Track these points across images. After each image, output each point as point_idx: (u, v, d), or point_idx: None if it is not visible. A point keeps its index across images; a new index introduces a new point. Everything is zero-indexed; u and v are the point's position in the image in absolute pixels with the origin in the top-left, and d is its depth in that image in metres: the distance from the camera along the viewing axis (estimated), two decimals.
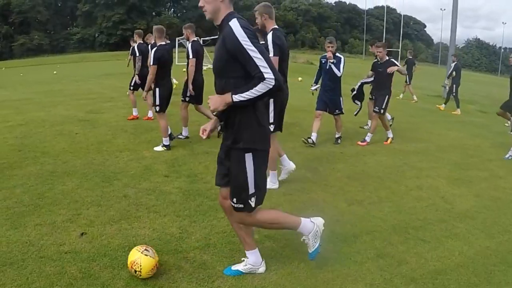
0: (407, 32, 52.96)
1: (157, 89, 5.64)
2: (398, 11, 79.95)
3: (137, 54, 7.85)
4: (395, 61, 6.86)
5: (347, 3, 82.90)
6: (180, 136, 6.50)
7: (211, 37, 30.05)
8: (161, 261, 2.72)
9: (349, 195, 4.35)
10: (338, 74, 6.26)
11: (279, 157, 4.50)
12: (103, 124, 7.51)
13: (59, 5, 69.64)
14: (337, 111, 6.60)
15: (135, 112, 8.14)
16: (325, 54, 6.34)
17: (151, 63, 5.52)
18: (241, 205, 2.36)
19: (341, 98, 6.53)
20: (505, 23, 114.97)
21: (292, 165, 4.56)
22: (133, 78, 8.12)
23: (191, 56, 6.15)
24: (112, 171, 4.73)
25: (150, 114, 8.06)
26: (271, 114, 4.15)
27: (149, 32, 8.27)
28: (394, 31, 73.75)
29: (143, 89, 6.87)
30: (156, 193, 4.10)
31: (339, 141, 6.80)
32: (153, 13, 69.69)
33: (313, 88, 6.82)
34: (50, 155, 5.35)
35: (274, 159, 4.28)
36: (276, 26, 4.14)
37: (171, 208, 3.72)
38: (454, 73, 12.24)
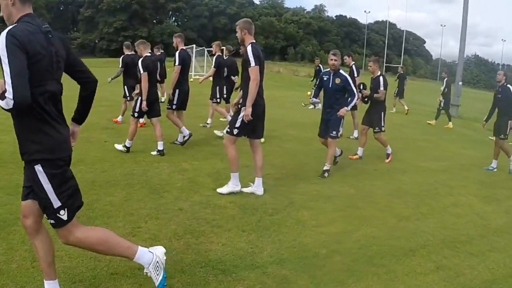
0: (406, 48, 53.69)
1: (139, 97, 5.99)
2: (398, 26, 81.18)
3: (120, 66, 8.18)
4: (382, 80, 6.58)
5: (348, 17, 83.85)
6: (177, 142, 6.83)
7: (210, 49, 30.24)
8: (243, 276, 2.74)
9: (395, 211, 4.54)
10: (355, 99, 5.67)
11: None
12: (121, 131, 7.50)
13: (61, 8, 69.72)
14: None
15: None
16: (328, 70, 5.80)
17: (141, 71, 5.84)
18: (52, 221, 2.16)
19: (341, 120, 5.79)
20: (505, 40, 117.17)
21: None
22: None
23: (176, 63, 6.51)
24: (157, 183, 4.74)
25: (120, 118, 8.51)
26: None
27: (151, 41, 8.63)
28: (394, 46, 74.71)
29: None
30: (211, 207, 4.12)
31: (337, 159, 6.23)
32: (154, 21, 69.99)
33: (313, 101, 6.63)
34: (86, 163, 5.34)
35: (235, 161, 4.50)
36: (254, 41, 4.51)
37: (233, 223, 3.74)
38: (446, 89, 12.80)
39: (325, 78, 5.68)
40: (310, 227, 3.83)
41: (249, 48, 4.33)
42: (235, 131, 4.48)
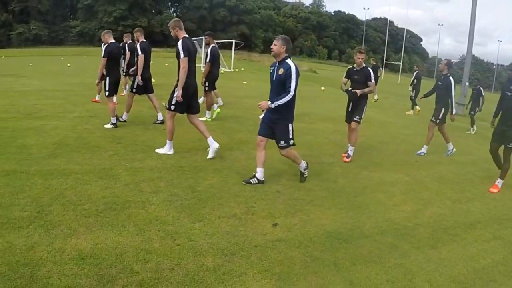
0: (402, 45, 54.60)
1: (107, 78, 7.13)
2: (395, 24, 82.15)
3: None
4: (372, 71, 6.32)
5: (346, 13, 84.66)
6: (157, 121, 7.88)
7: (221, 41, 30.78)
8: (361, 244, 3.52)
9: (447, 195, 5.38)
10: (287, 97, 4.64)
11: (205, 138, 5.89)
12: (182, 122, 8.11)
13: None
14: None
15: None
16: (275, 61, 4.79)
17: (103, 56, 7.03)
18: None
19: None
20: (501, 41, 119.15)
21: (216, 144, 5.83)
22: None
23: (139, 53, 7.56)
24: (241, 169, 5.39)
25: (98, 97, 9.86)
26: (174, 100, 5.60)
27: (150, 31, 9.35)
28: (391, 44, 75.75)
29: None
30: (302, 190, 4.85)
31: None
32: (153, 11, 69.80)
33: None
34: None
35: (171, 131, 5.73)
36: (186, 35, 5.59)
37: (329, 203, 4.51)
38: (415, 81, 13.91)
39: (270, 70, 4.88)
40: (391, 206, 4.64)
41: (179, 43, 5.39)
42: (172, 107, 5.57)
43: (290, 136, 4.81)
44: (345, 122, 6.68)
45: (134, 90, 7.71)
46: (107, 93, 7.16)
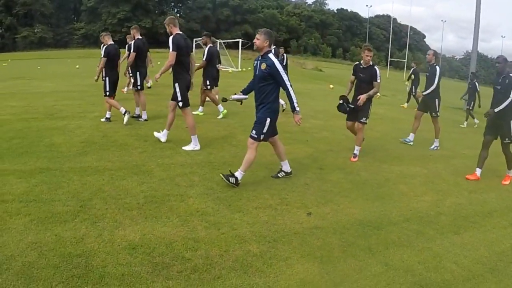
0: (406, 42, 54.62)
1: (106, 78, 7.49)
2: (398, 21, 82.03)
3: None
4: (378, 70, 6.17)
5: (349, 11, 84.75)
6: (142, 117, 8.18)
7: (227, 40, 31.01)
8: (390, 230, 3.80)
9: (463, 186, 5.67)
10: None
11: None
12: (204, 120, 8.36)
13: None
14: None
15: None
16: (259, 55, 4.69)
17: (103, 56, 7.42)
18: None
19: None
20: (504, 36, 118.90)
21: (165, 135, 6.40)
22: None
23: (132, 50, 7.91)
24: (268, 164, 5.64)
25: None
26: (178, 94, 5.97)
27: (155, 32, 9.44)
28: (395, 41, 75.66)
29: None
30: (328, 182, 5.12)
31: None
32: (156, 12, 70.14)
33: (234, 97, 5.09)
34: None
35: (193, 126, 6.11)
36: (179, 32, 5.92)
37: (355, 194, 4.80)
38: (412, 76, 14.19)
39: (254, 64, 4.74)
40: (412, 197, 4.90)
41: (170, 38, 5.79)
42: (180, 104, 6.02)
43: (264, 131, 4.64)
44: (346, 121, 6.47)
45: (139, 87, 8.09)
46: (107, 93, 7.53)
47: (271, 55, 4.53)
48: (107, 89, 7.52)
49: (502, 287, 3.09)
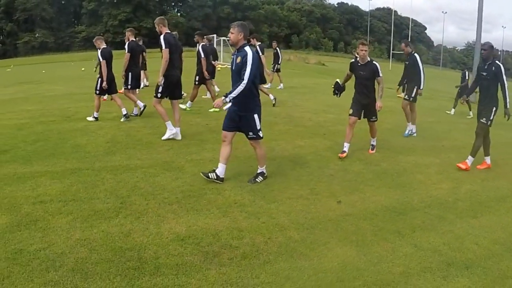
0: (407, 34, 54.67)
1: (99, 80, 7.94)
2: (399, 13, 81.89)
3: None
4: (378, 64, 6.08)
5: (349, 4, 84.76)
6: (133, 114, 8.61)
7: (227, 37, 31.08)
8: (414, 216, 4.17)
9: (476, 175, 5.90)
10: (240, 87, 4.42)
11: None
12: (219, 117, 8.63)
13: (63, 2, 69.85)
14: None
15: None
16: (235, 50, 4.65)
17: (102, 59, 7.84)
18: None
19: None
20: (505, 27, 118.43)
21: (174, 130, 6.73)
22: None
23: (126, 51, 8.29)
24: (293, 157, 6.00)
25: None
26: (160, 88, 6.42)
27: (154, 31, 8.18)
28: (396, 33, 75.62)
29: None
30: (351, 173, 5.45)
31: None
32: (157, 12, 70.32)
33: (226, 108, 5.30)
34: (208, 143, 6.52)
35: (163, 114, 6.61)
36: (168, 31, 6.41)
37: (378, 183, 5.13)
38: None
39: (231, 59, 4.73)
40: (430, 184, 5.23)
41: (161, 37, 6.25)
42: (159, 95, 6.48)
43: (258, 128, 4.63)
44: (349, 116, 6.25)
45: (129, 87, 8.49)
46: (97, 92, 8.01)
47: (247, 48, 4.41)
48: (98, 88, 8.00)
49: None
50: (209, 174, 4.71)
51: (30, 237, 3.34)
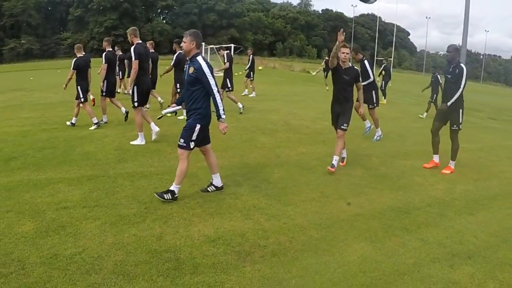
0: (391, 40, 56.02)
1: (79, 87, 8.26)
2: (383, 19, 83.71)
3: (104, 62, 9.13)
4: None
5: (334, 11, 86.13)
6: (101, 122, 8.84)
7: (219, 46, 31.39)
8: (421, 212, 4.51)
9: (469, 176, 6.38)
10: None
11: (148, 124, 7.29)
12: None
13: (49, 9, 69.27)
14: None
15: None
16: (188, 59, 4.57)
17: (72, 68, 8.15)
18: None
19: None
20: (488, 31, 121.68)
21: (156, 128, 7.30)
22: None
23: (103, 62, 8.74)
24: (298, 162, 6.40)
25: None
26: (135, 96, 6.86)
27: (141, 39, 8.04)
28: (379, 39, 77.25)
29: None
30: (354, 177, 5.86)
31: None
32: (143, 19, 70.35)
33: (165, 111, 5.23)
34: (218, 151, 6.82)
35: (141, 124, 7.02)
36: (140, 41, 6.84)
37: (382, 185, 5.56)
38: (383, 72, 15.07)
39: (184, 69, 4.64)
40: (427, 186, 5.69)
41: (132, 48, 6.66)
42: (136, 104, 6.93)
43: (193, 138, 4.42)
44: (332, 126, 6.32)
45: (103, 94, 8.90)
46: (82, 99, 8.27)
47: (199, 58, 4.29)
48: (81, 95, 8.26)
49: None
50: (208, 188, 4.89)
51: (62, 242, 3.44)
